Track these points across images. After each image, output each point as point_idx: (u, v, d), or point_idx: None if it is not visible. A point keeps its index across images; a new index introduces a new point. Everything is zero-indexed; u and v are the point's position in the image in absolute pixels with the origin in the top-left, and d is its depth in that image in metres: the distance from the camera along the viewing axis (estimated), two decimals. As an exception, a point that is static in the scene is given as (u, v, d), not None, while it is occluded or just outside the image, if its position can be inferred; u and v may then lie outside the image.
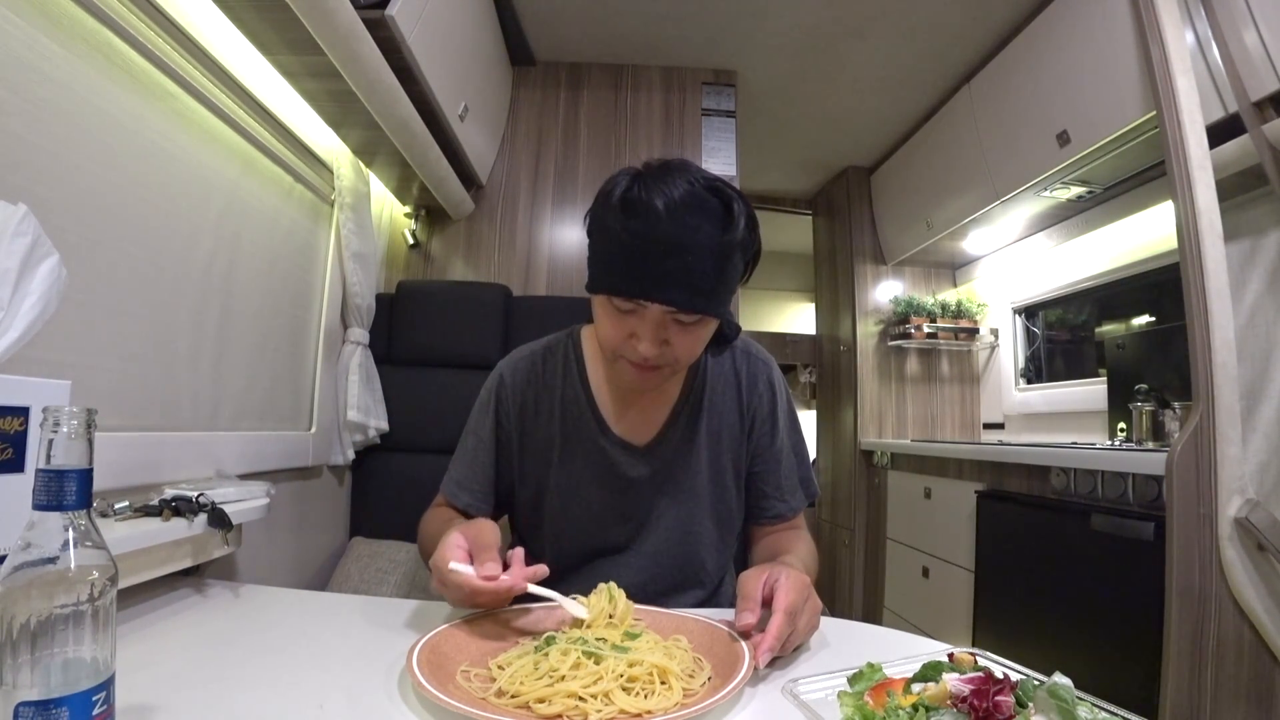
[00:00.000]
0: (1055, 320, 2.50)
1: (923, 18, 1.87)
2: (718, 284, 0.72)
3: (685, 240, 0.68)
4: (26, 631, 0.34)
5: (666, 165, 0.73)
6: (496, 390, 0.89)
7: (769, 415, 0.90)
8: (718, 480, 0.88)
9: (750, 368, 0.91)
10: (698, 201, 0.69)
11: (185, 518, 0.74)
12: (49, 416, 0.36)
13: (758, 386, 0.90)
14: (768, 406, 0.90)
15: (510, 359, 0.92)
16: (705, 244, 0.69)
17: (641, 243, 0.69)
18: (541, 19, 1.94)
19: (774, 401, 0.90)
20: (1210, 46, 1.32)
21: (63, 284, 0.58)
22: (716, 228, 0.69)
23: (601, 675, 0.51)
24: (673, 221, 0.68)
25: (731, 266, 0.73)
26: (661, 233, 0.68)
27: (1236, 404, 1.15)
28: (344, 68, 1.08)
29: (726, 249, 0.70)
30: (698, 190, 0.69)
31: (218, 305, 1.07)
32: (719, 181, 0.72)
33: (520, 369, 0.90)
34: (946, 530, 2.00)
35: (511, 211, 2.02)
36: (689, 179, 0.70)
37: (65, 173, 0.76)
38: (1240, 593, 1.11)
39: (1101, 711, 0.42)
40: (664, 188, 0.68)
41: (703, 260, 0.69)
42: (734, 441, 0.89)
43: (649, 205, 0.68)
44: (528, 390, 0.88)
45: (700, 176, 0.71)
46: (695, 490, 0.87)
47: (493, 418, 0.88)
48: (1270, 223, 1.33)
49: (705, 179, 0.71)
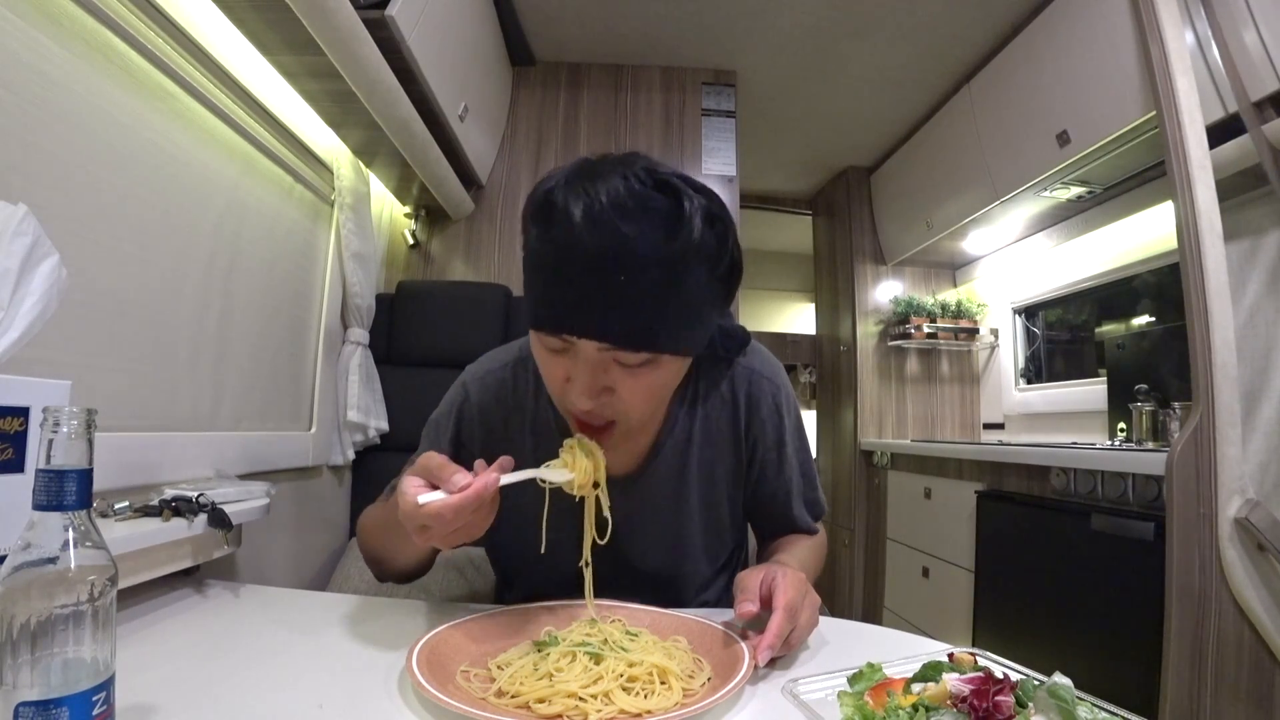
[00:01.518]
0: (1055, 320, 2.50)
1: (923, 18, 1.87)
2: (670, 310, 0.56)
3: (616, 253, 0.53)
4: (26, 631, 0.34)
5: (603, 160, 0.58)
6: (460, 408, 0.77)
7: (775, 444, 0.78)
8: (710, 515, 0.78)
9: (753, 390, 0.77)
10: (636, 202, 0.53)
11: (185, 518, 0.74)
12: (49, 416, 0.36)
13: (761, 412, 0.77)
14: (773, 435, 0.78)
15: (478, 371, 0.79)
16: (647, 256, 0.53)
17: (560, 260, 0.55)
18: (541, 19, 1.94)
19: (781, 428, 0.78)
20: (1210, 46, 1.32)
21: (63, 284, 0.58)
22: (659, 233, 0.54)
23: (601, 675, 0.51)
24: (598, 230, 0.53)
25: (690, 284, 0.57)
26: (584, 246, 0.53)
27: (1236, 404, 1.15)
28: (344, 68, 1.08)
29: (676, 261, 0.55)
30: (636, 188, 0.54)
31: (218, 305, 1.07)
32: (671, 175, 0.56)
33: (489, 386, 0.77)
34: (946, 530, 2.00)
35: (512, 212, 2.02)
36: (626, 173, 0.55)
37: (65, 173, 0.76)
38: (1240, 593, 1.11)
39: (1101, 711, 0.42)
40: (590, 186, 0.54)
41: (643, 278, 0.54)
42: (731, 474, 0.78)
43: (565, 211, 0.54)
44: (495, 410, 0.76)
45: (643, 170, 0.55)
46: (683, 530, 0.77)
47: (452, 434, 0.77)
48: (1270, 223, 1.33)
49: (650, 173, 0.56)
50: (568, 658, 0.54)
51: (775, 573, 0.61)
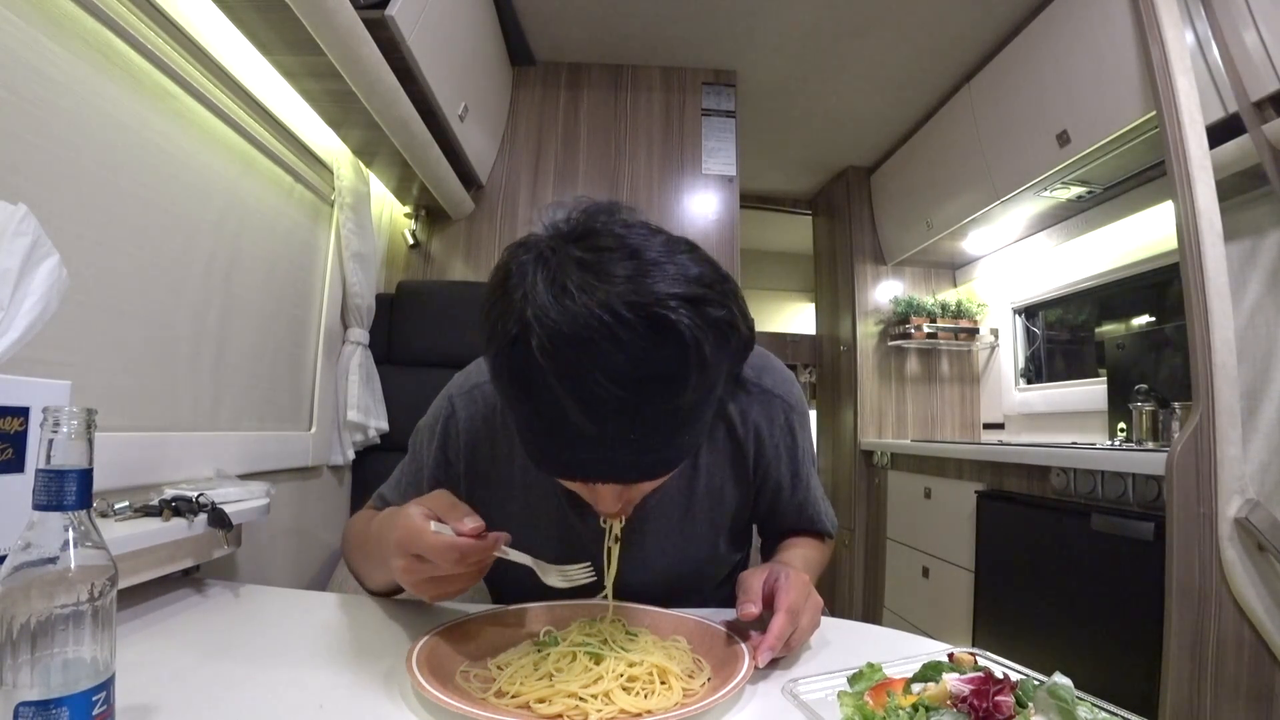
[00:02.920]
0: (1055, 320, 2.50)
1: (923, 18, 1.87)
2: (689, 437, 0.52)
3: (615, 431, 0.47)
4: (26, 631, 0.34)
5: (565, 265, 0.46)
6: (445, 423, 0.73)
7: (788, 465, 0.76)
8: (717, 535, 0.76)
9: (764, 410, 0.73)
10: (631, 359, 0.44)
11: (185, 518, 0.74)
12: (49, 416, 0.36)
13: (773, 436, 0.74)
14: (786, 457, 0.75)
15: (466, 384, 0.74)
16: (654, 413, 0.47)
17: (556, 431, 0.48)
18: (541, 19, 1.94)
19: (794, 449, 0.75)
20: (1210, 46, 1.32)
21: (63, 284, 0.58)
22: (664, 392, 0.47)
23: (601, 675, 0.51)
24: (589, 410, 0.45)
25: (706, 407, 0.53)
26: (575, 426, 0.47)
27: (1236, 404, 1.15)
28: (344, 68, 1.08)
29: (690, 404, 0.49)
30: (626, 338, 0.44)
31: (218, 305, 1.07)
32: (658, 297, 0.45)
33: (476, 401, 0.73)
34: (946, 530, 2.00)
35: (511, 212, 2.02)
36: (608, 306, 0.44)
37: (65, 173, 0.76)
38: (1240, 593, 1.11)
39: (1101, 711, 0.42)
40: (570, 352, 0.44)
41: (655, 426, 0.48)
42: (739, 494, 0.76)
43: (548, 390, 0.45)
44: (482, 431, 0.72)
45: (623, 304, 0.44)
46: (688, 552, 0.75)
47: (438, 449, 0.74)
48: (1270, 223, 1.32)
49: (635, 307, 0.44)
50: (568, 658, 0.54)
51: (779, 574, 0.61)
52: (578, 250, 0.47)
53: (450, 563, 0.52)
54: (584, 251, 0.47)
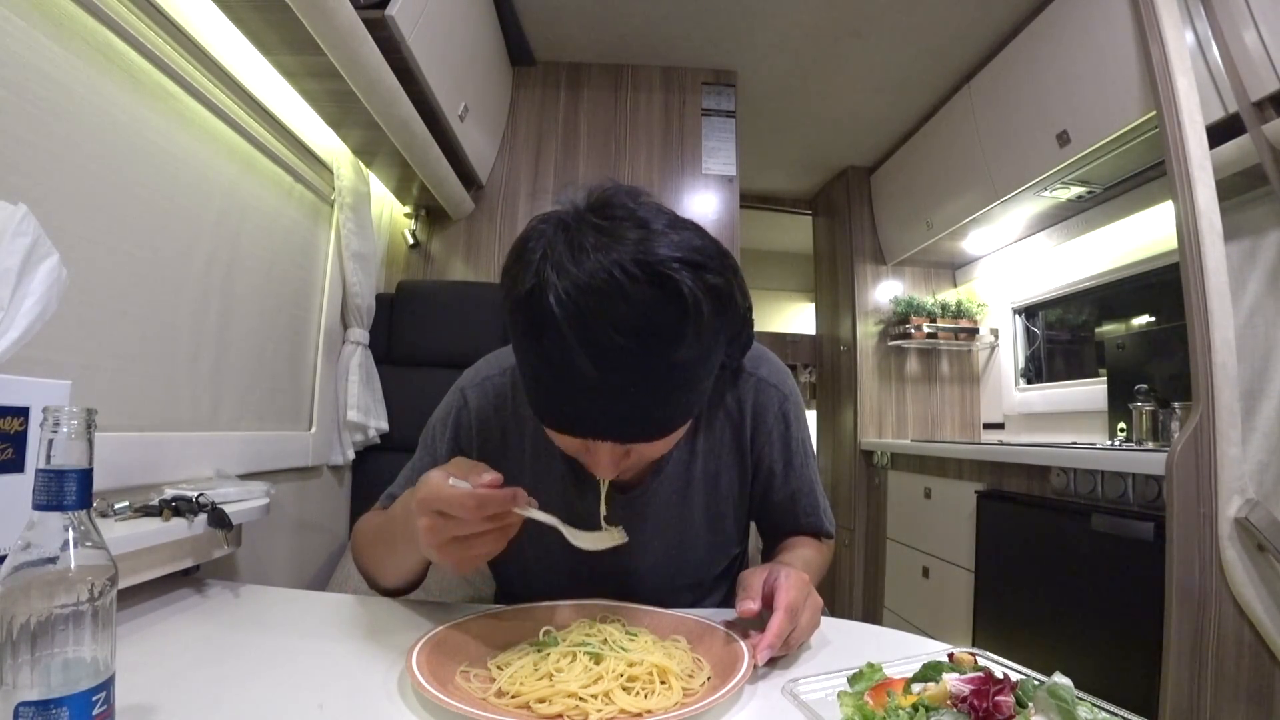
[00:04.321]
0: (1055, 320, 2.50)
1: (923, 18, 1.87)
2: (689, 397, 0.57)
3: (625, 372, 0.52)
4: (26, 631, 0.34)
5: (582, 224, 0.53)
6: (457, 414, 0.76)
7: (782, 453, 0.78)
8: (714, 524, 0.78)
9: (759, 398, 0.76)
10: (636, 311, 0.50)
11: (185, 518, 0.74)
12: (49, 416, 0.36)
13: (767, 421, 0.76)
14: (779, 444, 0.77)
15: (476, 376, 0.78)
16: (656, 367, 0.52)
17: (562, 379, 0.53)
18: (541, 19, 1.94)
19: (787, 436, 0.78)
20: (1210, 46, 1.32)
21: (63, 284, 0.58)
22: (665, 343, 0.52)
23: (601, 675, 0.51)
24: (602, 357, 0.50)
25: (704, 368, 0.57)
26: (588, 372, 0.51)
27: (1236, 404, 1.15)
28: (344, 68, 1.08)
29: (688, 361, 0.54)
30: (632, 292, 0.49)
31: (218, 305, 1.07)
32: (664, 259, 0.50)
33: (487, 393, 0.76)
34: (946, 530, 2.00)
35: (511, 211, 2.02)
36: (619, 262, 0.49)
37: (65, 173, 0.76)
38: (1240, 593, 1.11)
39: (1101, 711, 0.42)
40: (583, 299, 0.49)
41: (655, 385, 0.54)
42: (736, 484, 0.78)
43: (559, 333, 0.50)
44: (493, 420, 0.75)
45: (632, 262, 0.50)
46: (686, 540, 0.76)
47: (451, 439, 0.76)
48: (1270, 223, 1.32)
49: (641, 264, 0.50)
50: (568, 658, 0.54)
51: (778, 573, 0.61)
52: (595, 218, 0.53)
53: (471, 512, 0.52)
54: (600, 219, 0.53)
